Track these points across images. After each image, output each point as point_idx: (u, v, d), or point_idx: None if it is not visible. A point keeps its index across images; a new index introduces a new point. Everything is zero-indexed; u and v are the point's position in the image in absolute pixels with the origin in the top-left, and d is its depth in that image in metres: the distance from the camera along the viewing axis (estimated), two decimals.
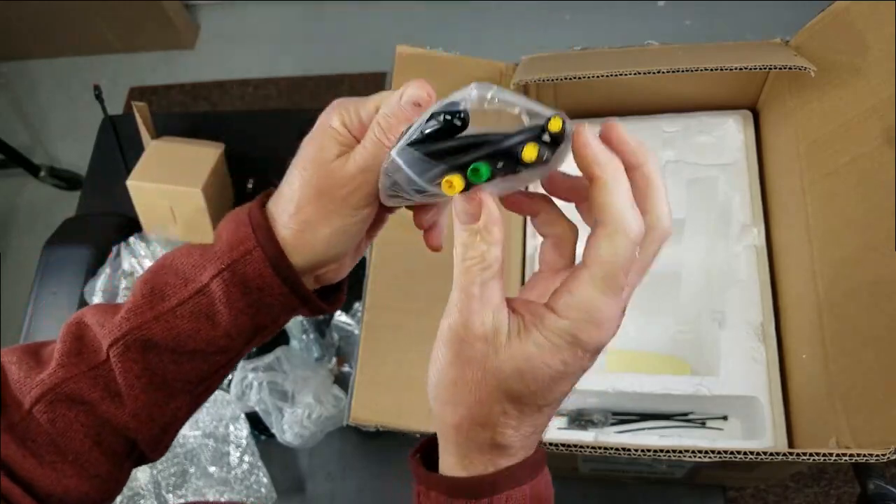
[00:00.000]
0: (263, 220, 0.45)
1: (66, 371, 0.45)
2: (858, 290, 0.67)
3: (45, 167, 2.24)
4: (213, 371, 0.49)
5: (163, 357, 0.46)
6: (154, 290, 0.46)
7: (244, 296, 0.45)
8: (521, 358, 0.36)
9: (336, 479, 0.95)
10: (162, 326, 0.45)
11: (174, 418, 0.49)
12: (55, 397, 0.45)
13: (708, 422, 0.81)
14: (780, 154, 0.83)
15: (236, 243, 0.45)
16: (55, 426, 0.45)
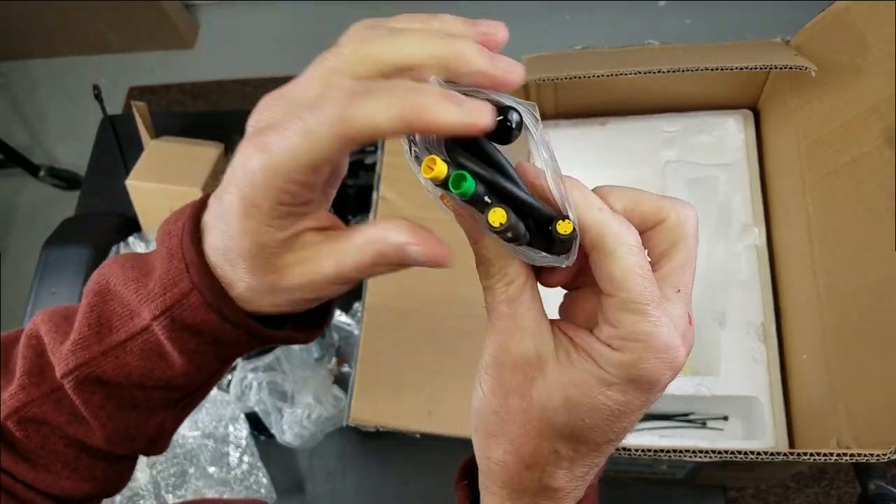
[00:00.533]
0: (197, 256, 0.36)
1: (27, 394, 0.41)
2: (859, 290, 0.67)
3: (45, 167, 2.24)
4: (187, 394, 0.44)
5: (123, 389, 0.40)
6: (101, 320, 0.39)
7: (194, 338, 0.38)
8: (572, 386, 0.32)
9: (336, 479, 0.95)
10: (112, 363, 0.39)
11: (160, 432, 0.44)
12: (21, 418, 0.41)
13: (708, 422, 0.81)
14: (781, 154, 0.83)
15: (169, 284, 0.37)
16: (32, 441, 0.42)
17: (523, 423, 0.33)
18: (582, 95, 0.90)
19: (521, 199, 0.30)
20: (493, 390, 0.34)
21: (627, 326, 0.31)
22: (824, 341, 0.70)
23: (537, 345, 0.33)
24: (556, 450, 0.34)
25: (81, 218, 1.16)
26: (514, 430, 0.34)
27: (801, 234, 0.76)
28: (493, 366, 0.33)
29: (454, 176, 0.29)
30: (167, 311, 0.37)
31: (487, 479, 0.36)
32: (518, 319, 0.33)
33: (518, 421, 0.33)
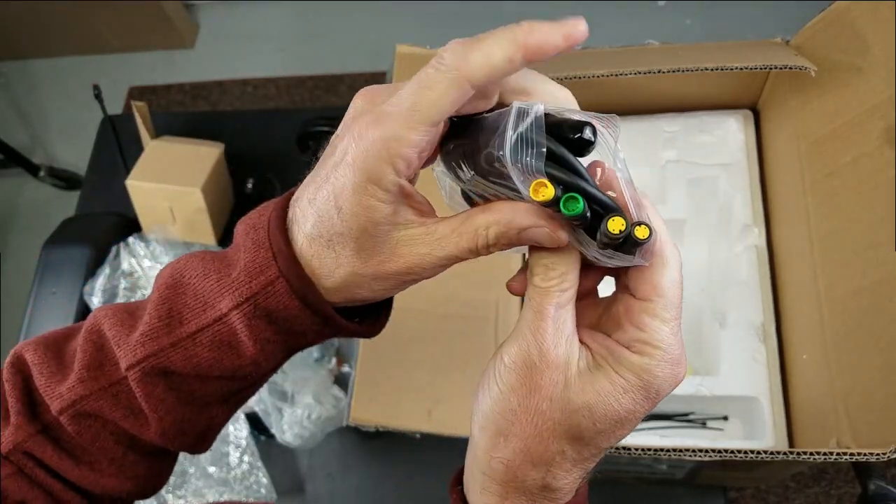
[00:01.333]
0: (285, 245, 0.38)
1: (85, 387, 0.41)
2: (859, 290, 0.67)
3: (45, 167, 2.24)
4: (245, 387, 0.45)
5: (186, 380, 0.42)
6: (172, 313, 0.40)
7: (270, 325, 0.40)
8: (592, 392, 0.34)
9: (336, 479, 0.95)
10: (181, 354, 0.40)
11: (210, 426, 0.46)
12: (76, 412, 0.42)
13: (708, 422, 0.81)
14: (781, 154, 0.83)
15: (255, 272, 0.38)
16: (83, 436, 0.42)
17: (539, 423, 0.35)
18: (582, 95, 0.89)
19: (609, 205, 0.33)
20: (514, 388, 0.35)
21: (653, 332, 0.34)
22: (824, 341, 0.70)
23: (569, 350, 0.35)
24: (563, 450, 0.35)
25: (81, 218, 1.16)
26: (528, 430, 0.35)
27: (801, 234, 0.76)
28: (522, 365, 0.35)
29: (566, 198, 0.31)
30: (252, 297, 0.38)
31: (488, 477, 0.37)
32: (561, 324, 0.34)
33: (535, 421, 0.35)
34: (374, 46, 2.33)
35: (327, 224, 0.36)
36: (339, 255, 0.37)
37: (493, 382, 0.36)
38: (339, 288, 0.38)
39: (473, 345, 0.78)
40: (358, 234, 0.35)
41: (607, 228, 0.31)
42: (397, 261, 0.37)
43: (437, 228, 0.36)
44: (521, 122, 0.33)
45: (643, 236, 0.32)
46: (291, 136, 1.10)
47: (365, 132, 0.34)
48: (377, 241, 0.36)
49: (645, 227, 0.32)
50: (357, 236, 0.35)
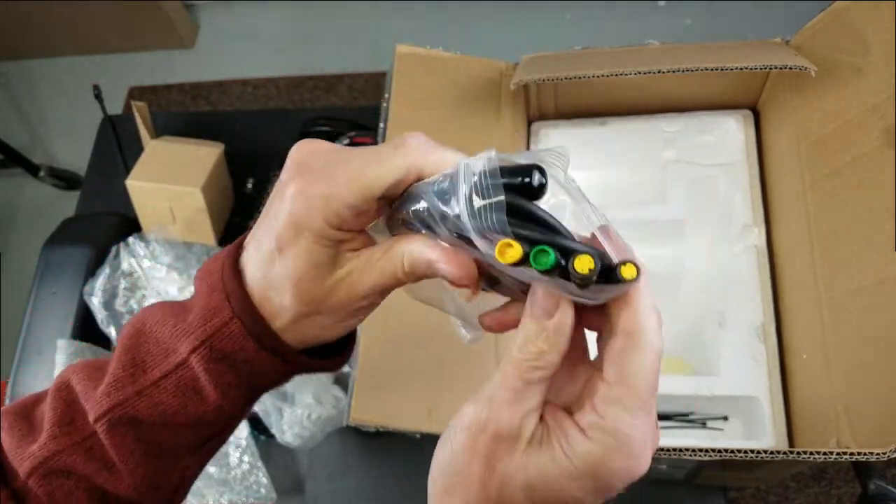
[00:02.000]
0: (238, 287, 0.39)
1: (57, 443, 0.41)
2: (859, 290, 0.67)
3: (45, 167, 2.24)
4: (215, 434, 0.45)
5: (155, 430, 0.41)
6: (135, 361, 0.41)
7: (230, 369, 0.40)
8: (534, 471, 0.33)
9: (336, 479, 0.95)
10: (146, 402, 0.40)
11: (183, 478, 0.45)
12: (47, 471, 0.41)
13: (708, 422, 0.81)
14: (781, 154, 0.83)
15: (210, 314, 0.39)
16: (55, 497, 0.41)
17: (480, 490, 0.34)
18: (582, 95, 0.91)
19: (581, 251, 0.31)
20: (463, 450, 0.34)
21: (612, 420, 0.32)
22: (825, 341, 0.70)
23: (522, 425, 0.33)
24: None
25: (81, 218, 1.17)
26: (469, 494, 0.34)
27: (801, 235, 0.76)
28: (474, 428, 0.34)
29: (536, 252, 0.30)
30: (207, 340, 0.39)
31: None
32: (524, 399, 0.33)
33: (475, 487, 0.34)
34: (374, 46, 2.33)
35: (269, 267, 0.38)
36: (282, 298, 0.38)
37: (445, 439, 0.36)
38: (289, 328, 0.39)
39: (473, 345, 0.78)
40: (298, 276, 0.37)
41: (575, 270, 0.30)
42: (336, 297, 0.38)
43: (364, 263, 0.38)
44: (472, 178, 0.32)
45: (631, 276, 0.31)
46: (291, 136, 1.10)
47: (308, 188, 0.36)
48: (315, 282, 0.37)
49: (632, 266, 0.31)
50: (298, 277, 0.37)
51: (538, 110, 0.94)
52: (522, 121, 0.93)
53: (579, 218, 0.33)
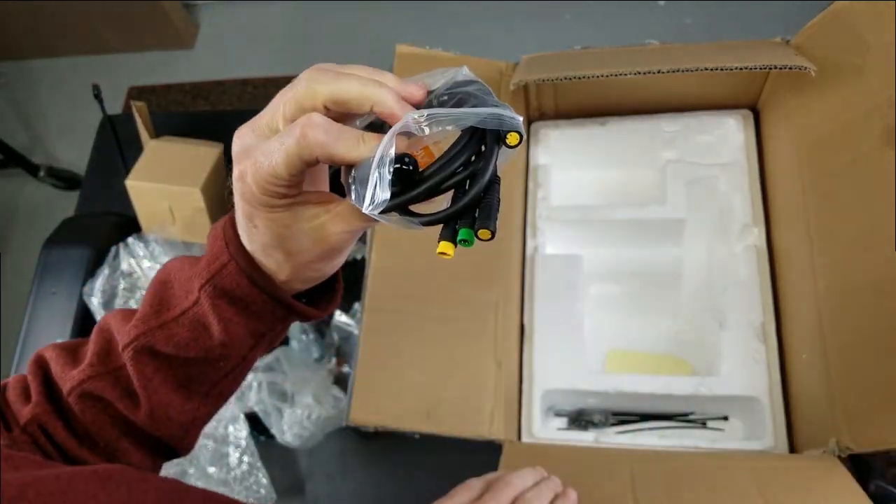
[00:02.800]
0: (235, 236, 0.46)
1: (92, 370, 0.49)
2: (858, 290, 0.67)
3: (44, 167, 2.24)
4: (222, 376, 0.51)
5: (170, 362, 0.49)
6: (161, 302, 0.49)
7: (231, 306, 0.47)
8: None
9: (336, 479, 0.95)
10: (164, 334, 0.48)
11: (193, 419, 0.52)
12: (81, 392, 0.49)
13: (709, 422, 0.81)
14: (781, 154, 0.83)
15: (213, 258, 0.47)
16: (86, 415, 0.50)
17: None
18: (582, 95, 0.91)
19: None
20: None
21: None
22: (824, 341, 0.70)
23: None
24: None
25: (81, 218, 1.16)
26: None
27: (800, 235, 0.76)
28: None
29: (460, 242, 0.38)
30: (211, 279, 0.46)
31: None
32: None
33: None
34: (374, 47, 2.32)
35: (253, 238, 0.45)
36: (274, 259, 0.46)
37: None
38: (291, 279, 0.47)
39: (472, 346, 0.78)
40: (277, 240, 0.44)
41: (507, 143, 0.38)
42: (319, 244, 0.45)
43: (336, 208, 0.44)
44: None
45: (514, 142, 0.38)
46: None
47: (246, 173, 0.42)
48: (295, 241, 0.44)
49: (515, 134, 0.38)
50: (278, 241, 0.44)
51: (538, 110, 0.94)
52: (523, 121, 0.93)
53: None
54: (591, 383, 0.80)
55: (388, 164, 0.38)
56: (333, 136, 0.39)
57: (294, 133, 0.39)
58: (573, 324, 0.83)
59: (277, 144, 0.40)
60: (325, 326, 0.97)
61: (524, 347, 0.84)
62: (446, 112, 0.39)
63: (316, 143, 0.39)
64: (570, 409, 0.84)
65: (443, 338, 0.78)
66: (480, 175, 0.39)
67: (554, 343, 0.82)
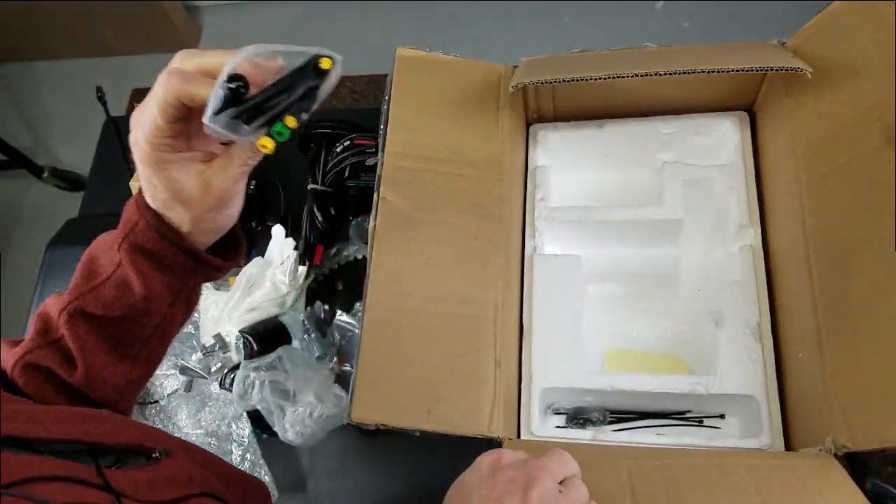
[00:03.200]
0: (142, 199, 0.56)
1: (32, 343, 0.56)
2: (853, 290, 0.68)
3: (48, 168, 2.25)
4: (148, 335, 0.59)
5: (100, 323, 0.56)
6: (90, 272, 0.57)
7: (145, 260, 0.55)
8: None
9: (337, 476, 0.96)
10: (94, 297, 0.56)
11: (126, 383, 0.59)
12: (24, 364, 0.55)
13: (705, 420, 0.82)
14: (778, 155, 0.84)
15: (127, 219, 0.56)
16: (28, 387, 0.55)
17: None
18: (579, 98, 0.91)
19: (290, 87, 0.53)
20: None
21: None
22: (820, 341, 0.71)
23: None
24: None
25: (85, 219, 1.17)
26: None
27: (796, 235, 0.77)
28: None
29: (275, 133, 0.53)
30: (126, 237, 0.55)
31: None
32: None
33: None
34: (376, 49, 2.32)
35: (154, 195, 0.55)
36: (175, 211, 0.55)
37: None
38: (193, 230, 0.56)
39: (473, 344, 0.78)
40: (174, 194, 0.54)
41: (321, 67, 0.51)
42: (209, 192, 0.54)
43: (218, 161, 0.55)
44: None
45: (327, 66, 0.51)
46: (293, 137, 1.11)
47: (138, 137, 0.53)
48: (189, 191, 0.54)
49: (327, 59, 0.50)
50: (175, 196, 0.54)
51: (537, 112, 0.95)
52: (521, 123, 0.93)
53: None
54: (590, 382, 0.81)
55: (222, 83, 0.48)
56: (188, 77, 0.50)
57: (160, 81, 0.50)
58: (572, 323, 0.84)
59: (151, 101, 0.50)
60: (327, 326, 0.98)
61: (523, 346, 0.84)
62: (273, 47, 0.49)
63: (175, 84, 0.49)
64: (568, 407, 0.84)
65: (443, 337, 0.78)
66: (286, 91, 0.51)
67: (553, 342, 0.83)
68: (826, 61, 0.76)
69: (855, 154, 0.71)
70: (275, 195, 1.15)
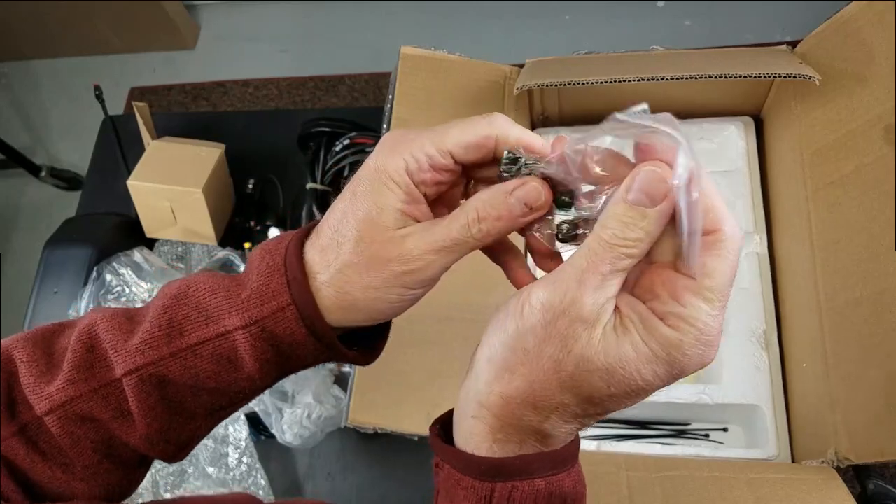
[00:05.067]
0: (300, 273, 0.40)
1: (75, 388, 0.42)
2: (860, 299, 0.67)
3: (46, 167, 2.24)
4: (235, 403, 0.46)
5: (180, 391, 0.43)
6: (172, 323, 0.41)
7: (272, 348, 0.41)
8: (614, 356, 0.33)
9: (336, 478, 0.95)
10: (179, 364, 0.41)
11: (192, 437, 0.47)
12: (64, 414, 0.42)
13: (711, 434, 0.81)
14: (784, 162, 0.83)
15: (268, 297, 0.40)
16: (64, 439, 0.43)
17: (549, 371, 0.34)
18: (585, 100, 0.91)
19: None
20: (533, 330, 0.34)
21: (693, 310, 0.33)
22: (825, 351, 0.70)
23: (603, 310, 0.34)
24: (566, 403, 0.35)
25: (83, 218, 1.16)
26: (536, 373, 0.35)
27: (802, 243, 0.76)
28: (550, 309, 0.34)
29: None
30: (261, 321, 0.40)
31: (484, 407, 0.37)
32: (607, 285, 0.34)
33: (545, 367, 0.34)
34: (375, 47, 2.33)
35: (339, 214, 0.40)
36: (340, 246, 0.39)
37: (511, 319, 0.36)
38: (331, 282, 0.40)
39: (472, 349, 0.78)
40: (363, 217, 0.39)
41: None
42: (391, 249, 0.39)
43: (433, 224, 0.40)
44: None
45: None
46: (292, 136, 1.10)
47: (390, 135, 0.40)
48: (376, 230, 0.39)
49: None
50: (361, 218, 0.39)
51: (542, 114, 0.94)
52: (526, 124, 0.93)
53: None
54: None
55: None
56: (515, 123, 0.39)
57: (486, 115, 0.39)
58: None
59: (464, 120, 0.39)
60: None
61: None
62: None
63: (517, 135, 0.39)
64: None
65: (442, 340, 0.78)
66: None
67: None
68: (834, 68, 0.76)
69: (861, 163, 0.71)
70: (273, 194, 1.14)
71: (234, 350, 0.41)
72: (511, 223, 0.38)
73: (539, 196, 0.38)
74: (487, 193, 0.38)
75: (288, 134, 1.12)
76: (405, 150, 0.38)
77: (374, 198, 0.39)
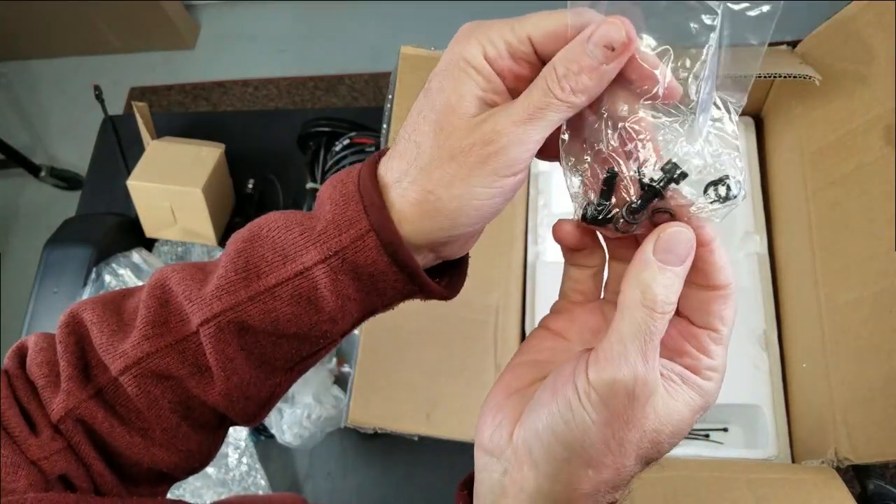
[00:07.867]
0: (377, 197, 0.37)
1: (151, 344, 0.40)
2: (860, 300, 0.67)
3: (46, 167, 2.24)
4: (315, 351, 0.44)
5: (259, 339, 0.41)
6: (248, 265, 0.39)
7: (353, 282, 0.39)
8: (677, 419, 0.34)
9: (336, 478, 0.95)
10: (259, 308, 0.39)
11: (271, 395, 0.45)
12: (140, 372, 0.41)
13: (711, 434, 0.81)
14: (784, 162, 0.83)
15: (345, 225, 0.38)
16: (141, 399, 0.41)
17: (630, 453, 0.33)
18: None
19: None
20: (609, 421, 0.32)
21: (720, 359, 0.35)
22: (825, 351, 0.70)
23: (656, 377, 0.33)
24: (638, 470, 0.35)
25: (82, 218, 1.16)
26: (619, 460, 0.33)
27: (802, 243, 0.76)
28: (622, 395, 0.32)
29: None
30: (340, 251, 0.38)
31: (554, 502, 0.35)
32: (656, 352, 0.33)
33: (627, 451, 0.33)
34: (375, 47, 2.33)
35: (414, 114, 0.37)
36: (419, 145, 0.37)
37: (579, 412, 0.33)
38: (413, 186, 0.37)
39: (472, 348, 0.78)
40: (441, 107, 0.36)
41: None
42: (474, 133, 0.35)
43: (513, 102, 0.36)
44: None
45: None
46: (292, 136, 1.10)
47: (466, 25, 0.37)
48: (457, 118, 0.36)
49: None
50: (440, 109, 0.36)
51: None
52: None
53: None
54: None
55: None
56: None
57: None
58: None
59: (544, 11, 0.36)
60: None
61: None
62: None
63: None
64: None
65: (442, 340, 0.78)
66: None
67: None
68: (834, 68, 0.76)
69: (861, 163, 0.71)
70: (273, 194, 1.14)
71: (314, 289, 0.39)
72: (597, 76, 0.34)
73: (619, 31, 0.33)
74: (564, 49, 0.35)
75: (288, 134, 1.12)
76: (482, 35, 0.36)
77: (452, 85, 0.36)
